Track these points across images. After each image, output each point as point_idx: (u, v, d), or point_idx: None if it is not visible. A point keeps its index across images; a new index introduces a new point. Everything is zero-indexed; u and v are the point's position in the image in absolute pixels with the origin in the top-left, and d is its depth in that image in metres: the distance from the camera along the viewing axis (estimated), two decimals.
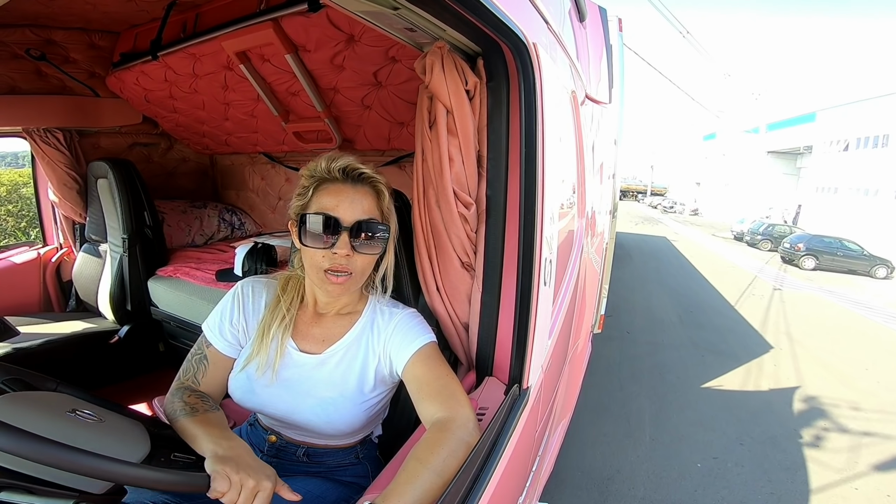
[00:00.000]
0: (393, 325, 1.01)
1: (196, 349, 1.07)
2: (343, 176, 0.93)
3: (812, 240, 14.96)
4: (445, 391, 0.89)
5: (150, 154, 3.02)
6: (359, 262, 0.94)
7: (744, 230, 19.94)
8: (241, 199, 3.43)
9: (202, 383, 1.04)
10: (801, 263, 14.42)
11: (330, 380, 1.01)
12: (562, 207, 1.38)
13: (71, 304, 2.77)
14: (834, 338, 6.73)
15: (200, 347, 1.07)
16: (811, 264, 14.39)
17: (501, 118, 1.00)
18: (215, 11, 1.83)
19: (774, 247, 17.16)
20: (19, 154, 6.64)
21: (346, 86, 1.93)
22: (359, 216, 0.92)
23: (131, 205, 2.36)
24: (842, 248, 14.87)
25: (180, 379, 1.05)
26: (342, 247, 0.91)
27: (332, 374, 1.01)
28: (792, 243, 15.07)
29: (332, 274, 0.93)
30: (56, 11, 1.95)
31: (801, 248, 14.59)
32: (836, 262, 14.51)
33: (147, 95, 2.44)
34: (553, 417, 1.78)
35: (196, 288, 2.26)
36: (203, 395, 1.00)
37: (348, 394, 1.00)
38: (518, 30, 0.88)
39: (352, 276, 0.94)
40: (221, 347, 1.05)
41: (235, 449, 0.81)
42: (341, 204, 0.92)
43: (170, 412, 0.93)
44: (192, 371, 1.05)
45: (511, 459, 0.96)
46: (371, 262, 0.97)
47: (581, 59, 2.06)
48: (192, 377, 1.05)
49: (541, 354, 1.20)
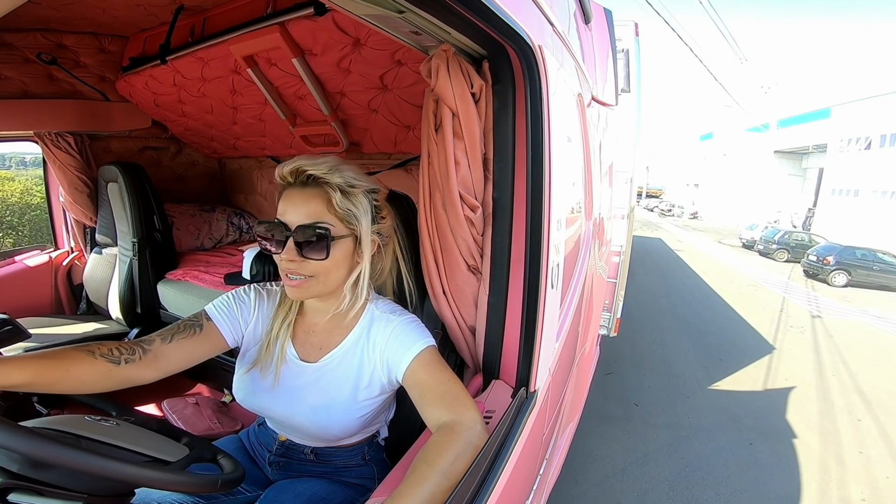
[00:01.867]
0: (389, 331, 0.98)
1: (190, 317, 1.01)
2: (293, 180, 0.92)
3: (843, 252, 12.75)
4: (449, 395, 0.88)
5: (159, 158, 3.04)
6: (311, 267, 0.91)
7: (754, 237, 17.82)
8: (249, 202, 3.45)
9: (174, 342, 0.95)
10: (831, 279, 12.46)
11: (324, 388, 1.01)
12: (569, 210, 1.37)
13: (82, 306, 2.80)
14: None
15: (197, 317, 1.01)
16: (842, 280, 12.42)
17: (507, 121, 1.00)
18: (223, 15, 1.85)
19: (792, 257, 15.55)
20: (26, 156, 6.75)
21: (353, 89, 1.93)
22: (302, 220, 0.90)
23: (141, 208, 2.38)
24: (877, 260, 12.81)
25: (150, 335, 0.96)
26: (288, 252, 0.90)
27: (328, 382, 1.01)
28: (819, 256, 13.05)
29: (288, 277, 0.93)
30: (67, 16, 1.97)
31: (831, 262, 12.57)
32: (872, 277, 12.55)
33: (156, 99, 2.46)
34: (561, 420, 1.77)
35: (205, 291, 2.27)
36: (131, 347, 0.90)
37: (341, 401, 1.00)
38: (523, 32, 0.88)
39: (309, 279, 0.92)
40: (221, 326, 1.01)
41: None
42: (288, 209, 0.91)
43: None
44: (174, 330, 0.97)
45: (518, 462, 0.96)
46: (332, 266, 0.92)
47: (587, 61, 2.06)
48: (166, 333, 0.96)
49: (548, 357, 1.20)
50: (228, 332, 1.02)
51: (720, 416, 3.95)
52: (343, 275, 0.96)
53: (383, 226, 1.00)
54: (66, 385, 0.82)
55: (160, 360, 0.93)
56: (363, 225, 0.93)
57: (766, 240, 16.80)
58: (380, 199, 0.99)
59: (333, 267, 0.93)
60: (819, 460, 3.36)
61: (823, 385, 4.88)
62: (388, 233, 1.04)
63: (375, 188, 0.97)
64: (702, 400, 4.25)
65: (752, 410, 4.11)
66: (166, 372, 0.94)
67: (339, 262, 0.93)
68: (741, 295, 9.55)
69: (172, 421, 1.96)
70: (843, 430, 3.83)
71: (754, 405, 4.22)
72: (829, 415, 4.17)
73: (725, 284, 10.49)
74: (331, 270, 0.93)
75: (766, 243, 16.61)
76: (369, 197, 0.95)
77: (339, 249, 0.92)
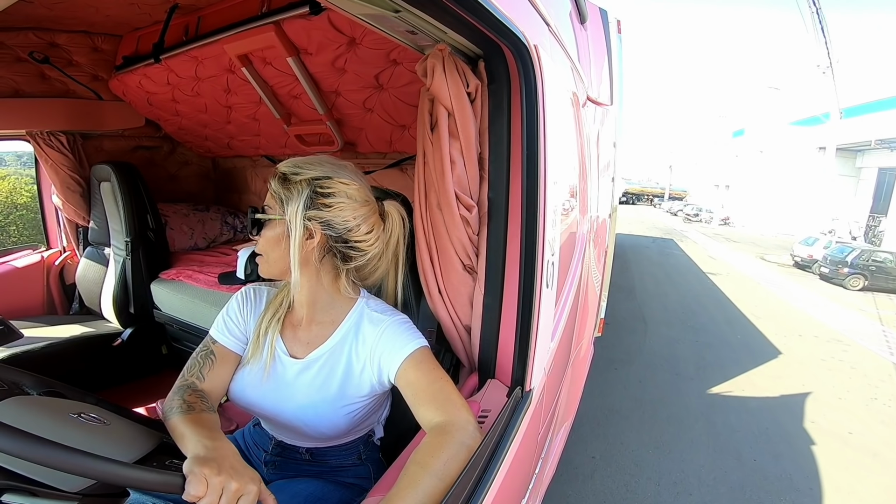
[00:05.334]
0: (380, 331, 0.98)
1: (201, 347, 1.07)
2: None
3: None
4: (441, 395, 0.88)
5: (152, 157, 3.03)
6: (259, 245, 0.99)
7: (813, 255, 13.35)
8: (243, 202, 3.43)
9: (207, 378, 1.02)
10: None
11: (311, 384, 1.01)
12: (564, 209, 1.38)
13: (74, 307, 2.78)
14: None
15: (206, 345, 1.07)
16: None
17: (503, 120, 1.00)
18: (217, 14, 1.84)
19: (870, 284, 11.30)
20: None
21: (348, 89, 1.93)
22: (257, 204, 0.99)
23: (134, 208, 2.37)
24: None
25: (184, 376, 1.03)
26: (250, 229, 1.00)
27: (314, 379, 1.01)
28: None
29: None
30: (59, 15, 1.96)
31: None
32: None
33: (149, 98, 2.45)
34: (556, 420, 1.78)
35: (199, 291, 2.26)
36: (203, 395, 0.99)
37: (329, 399, 1.00)
38: (519, 32, 0.88)
39: (260, 257, 1.00)
40: (227, 343, 1.06)
41: (220, 450, 0.77)
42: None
43: (167, 409, 0.92)
44: (198, 366, 1.04)
45: (514, 462, 0.96)
46: (267, 246, 0.98)
47: (582, 60, 2.06)
48: (196, 372, 1.03)
49: (543, 357, 1.20)
50: (237, 346, 1.07)
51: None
52: (281, 256, 0.97)
53: (329, 215, 0.94)
54: None
55: (213, 398, 1.02)
56: (289, 209, 0.94)
57: (833, 260, 12.15)
58: (334, 189, 0.94)
59: (268, 246, 0.98)
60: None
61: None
62: (345, 225, 0.97)
63: (326, 176, 0.94)
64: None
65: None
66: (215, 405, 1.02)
67: (270, 241, 0.97)
68: (825, 366, 5.43)
69: None
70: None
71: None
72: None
73: (793, 342, 6.24)
74: (268, 249, 0.98)
75: (834, 265, 12.00)
76: (311, 183, 0.93)
77: (270, 230, 0.97)
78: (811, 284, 11.53)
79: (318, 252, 0.97)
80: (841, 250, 12.36)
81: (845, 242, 13.60)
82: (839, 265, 11.79)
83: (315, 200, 0.94)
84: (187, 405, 0.91)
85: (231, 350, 1.06)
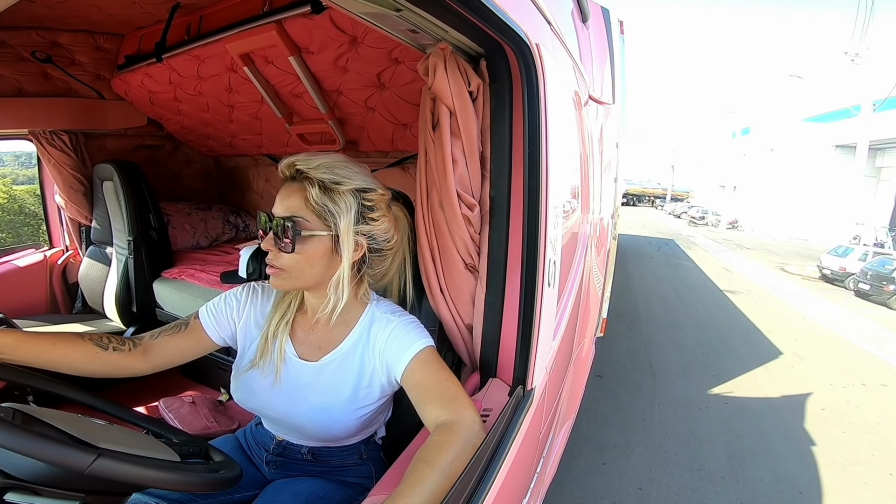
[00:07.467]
0: (389, 331, 0.98)
1: (182, 318, 1.08)
2: (288, 173, 0.93)
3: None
4: (447, 394, 0.88)
5: (155, 156, 3.03)
6: (283, 260, 0.92)
7: (845, 267, 11.58)
8: (245, 200, 3.44)
9: (161, 338, 1.01)
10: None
11: (325, 388, 1.00)
12: (566, 209, 1.37)
13: (77, 305, 2.79)
14: None
15: (188, 317, 1.07)
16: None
17: (505, 119, 1.00)
18: (219, 13, 1.84)
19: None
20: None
21: (350, 87, 1.93)
22: (281, 213, 0.91)
23: (137, 207, 2.37)
24: None
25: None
26: (266, 242, 0.92)
27: (328, 382, 1.01)
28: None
29: (270, 266, 0.94)
30: (61, 14, 1.96)
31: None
32: None
33: (152, 97, 2.45)
34: (557, 419, 1.78)
35: (201, 290, 2.27)
36: (127, 339, 0.97)
37: (342, 402, 1.00)
38: (521, 31, 0.88)
39: (283, 272, 0.93)
40: (207, 326, 1.05)
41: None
42: (277, 201, 0.93)
43: None
44: (161, 329, 1.03)
45: (515, 461, 0.96)
46: (304, 261, 0.92)
47: (584, 59, 2.06)
48: (151, 332, 1.02)
49: (545, 356, 1.20)
50: (213, 330, 1.05)
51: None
52: (320, 272, 0.94)
53: (375, 229, 0.96)
54: (50, 357, 0.87)
55: (148, 355, 0.98)
56: (342, 224, 0.90)
57: (873, 273, 10.11)
58: (376, 201, 0.94)
59: (306, 262, 0.92)
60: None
61: None
62: (385, 237, 0.99)
63: (368, 188, 0.93)
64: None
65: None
66: (155, 366, 0.99)
67: (311, 258, 0.92)
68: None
69: (169, 420, 1.95)
70: None
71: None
72: None
73: (858, 395, 4.57)
74: (303, 265, 0.92)
75: (874, 280, 9.95)
76: (358, 196, 0.92)
77: (311, 245, 0.91)
78: (848, 303, 9.66)
79: (358, 264, 0.97)
80: (882, 262, 10.50)
81: (885, 254, 11.93)
82: (881, 280, 9.81)
83: (364, 214, 0.93)
84: (78, 333, 0.93)
85: (206, 333, 1.05)
